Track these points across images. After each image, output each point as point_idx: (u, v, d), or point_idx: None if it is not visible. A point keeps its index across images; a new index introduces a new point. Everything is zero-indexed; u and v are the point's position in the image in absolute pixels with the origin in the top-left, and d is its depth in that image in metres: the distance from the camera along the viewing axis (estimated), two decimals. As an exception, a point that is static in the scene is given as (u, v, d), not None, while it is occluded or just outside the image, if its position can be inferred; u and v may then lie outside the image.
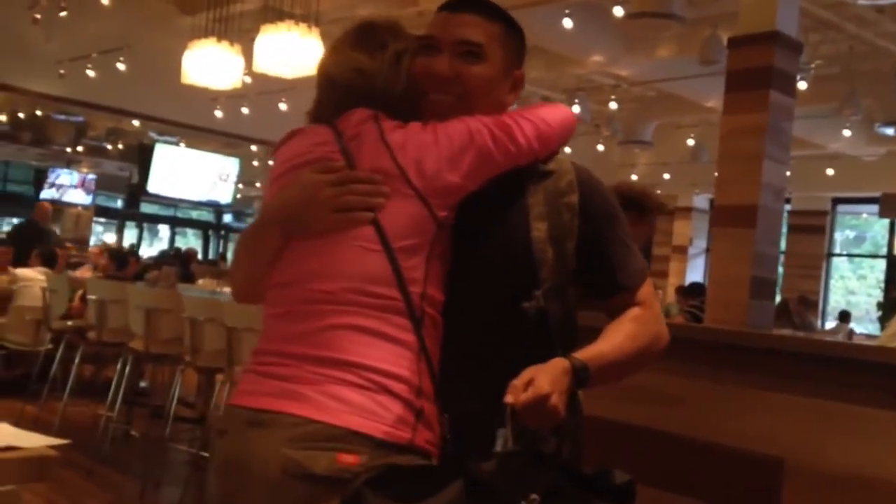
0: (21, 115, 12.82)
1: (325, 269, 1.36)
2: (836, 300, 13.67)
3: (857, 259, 14.51)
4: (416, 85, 1.46)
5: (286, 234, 1.40)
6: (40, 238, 7.79)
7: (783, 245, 12.74)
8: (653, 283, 1.55)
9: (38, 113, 12.61)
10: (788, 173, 8.18)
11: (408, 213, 1.35)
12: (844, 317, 11.28)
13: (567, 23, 6.94)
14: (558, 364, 1.32)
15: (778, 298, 9.99)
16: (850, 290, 14.34)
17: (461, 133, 1.38)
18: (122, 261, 6.99)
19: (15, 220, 19.08)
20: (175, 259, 11.75)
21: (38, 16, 8.56)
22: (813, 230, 13.06)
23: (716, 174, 5.38)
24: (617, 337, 1.43)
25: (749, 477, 2.57)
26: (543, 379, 1.27)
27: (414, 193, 1.35)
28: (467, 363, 1.41)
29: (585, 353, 1.37)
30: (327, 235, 1.37)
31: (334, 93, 1.48)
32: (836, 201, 13.13)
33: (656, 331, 1.48)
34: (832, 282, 13.66)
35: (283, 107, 9.63)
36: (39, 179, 17.22)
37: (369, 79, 1.44)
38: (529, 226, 1.42)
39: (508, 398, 1.25)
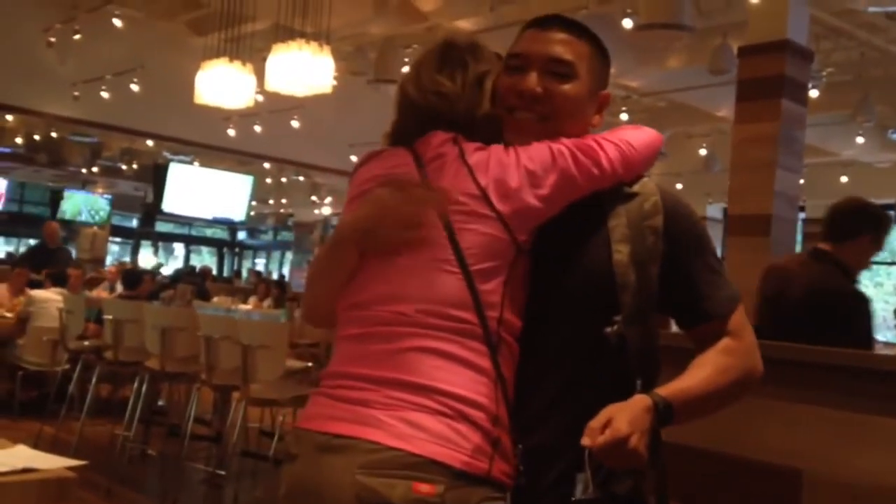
0: (37, 137, 12.94)
1: (400, 290, 1.32)
2: (854, 308, 13.56)
3: (873, 267, 14.41)
4: (502, 103, 1.43)
5: (361, 253, 1.37)
6: (52, 259, 7.84)
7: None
8: (744, 311, 1.45)
9: (54, 135, 12.72)
10: (802, 181, 8.18)
11: (487, 235, 1.31)
12: (863, 324, 11.18)
13: (576, 35, 6.95)
14: (639, 402, 1.27)
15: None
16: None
17: (543, 155, 1.35)
18: (134, 280, 7.02)
19: (32, 241, 19.27)
20: (190, 277, 11.82)
21: (53, 39, 8.67)
22: (828, 238, 12.96)
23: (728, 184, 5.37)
24: (704, 370, 1.36)
25: (768, 489, 2.55)
26: (622, 419, 1.22)
27: (494, 215, 1.31)
28: (543, 391, 1.35)
29: (668, 389, 1.31)
30: (403, 255, 1.34)
31: (414, 116, 1.46)
32: (851, 208, 13.05)
33: (749, 364, 1.40)
34: (849, 289, 13.55)
35: (295, 124, 9.69)
36: (55, 200, 17.36)
37: (451, 102, 1.42)
38: (611, 248, 1.37)
39: (585, 440, 1.21)
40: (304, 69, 5.50)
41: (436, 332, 1.28)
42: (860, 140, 9.67)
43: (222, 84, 5.94)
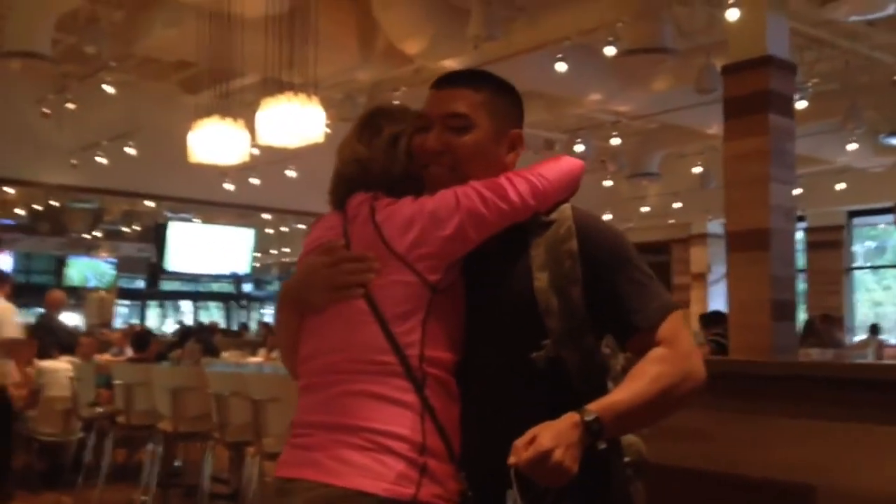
0: (38, 207, 13.03)
1: (331, 342, 1.49)
2: (864, 313, 13.50)
3: (880, 270, 14.36)
4: (416, 161, 1.56)
5: (299, 312, 1.55)
6: (54, 330, 7.82)
7: (804, 263, 12.66)
8: (681, 317, 1.50)
9: (54, 203, 12.82)
10: (800, 191, 8.19)
11: (398, 283, 1.45)
12: (874, 330, 11.15)
13: (560, 66, 7.02)
14: (566, 419, 1.33)
15: (803, 316, 9.92)
16: (877, 301, 14.17)
17: (447, 199, 1.47)
18: (143, 343, 7.03)
19: (41, 310, 19.30)
20: (199, 333, 11.81)
21: (47, 110, 8.76)
22: (831, 245, 12.97)
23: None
24: (635, 382, 1.40)
25: (783, 507, 2.53)
26: (546, 435, 1.28)
27: (401, 263, 1.44)
28: (486, 418, 1.44)
29: (598, 404, 1.36)
30: (330, 311, 1.49)
31: (341, 182, 1.62)
32: (852, 214, 13.05)
33: (684, 368, 1.43)
34: (858, 295, 13.50)
35: (291, 174, 9.75)
36: (60, 268, 17.44)
37: (366, 167, 1.57)
38: (532, 276, 1.45)
39: (511, 459, 1.28)
40: (295, 120, 5.55)
41: (362, 376, 1.43)
42: (852, 147, 9.70)
43: (215, 141, 5.99)
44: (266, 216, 14.04)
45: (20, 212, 13.38)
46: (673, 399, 1.43)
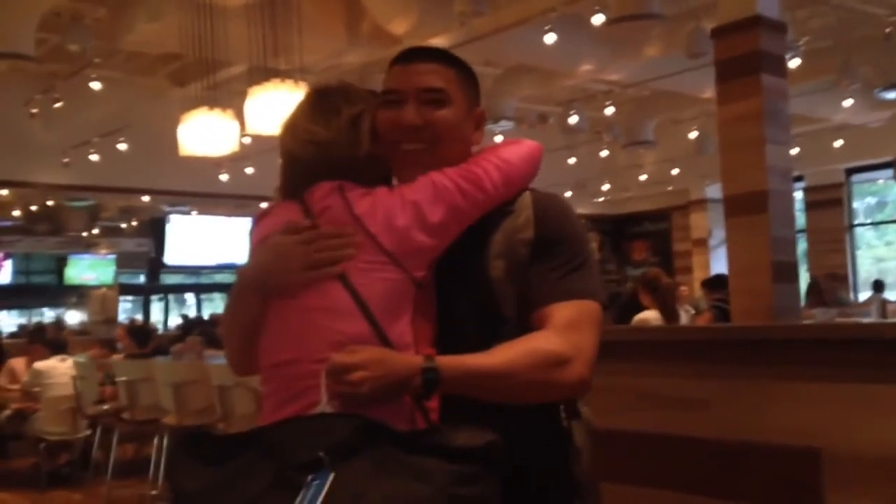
0: (34, 207, 13.01)
1: (303, 347, 1.35)
2: (867, 270, 13.48)
3: (882, 226, 14.32)
4: (385, 138, 1.47)
5: (265, 300, 1.41)
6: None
7: (803, 223, 12.62)
8: (593, 312, 1.42)
9: (50, 203, 12.79)
10: (798, 150, 8.11)
11: (387, 281, 1.36)
12: (878, 286, 11.10)
13: (550, 38, 6.95)
14: (410, 359, 1.31)
15: (806, 277, 9.89)
16: (880, 257, 14.13)
17: (427, 192, 1.39)
18: (143, 338, 7.02)
19: (46, 310, 19.34)
20: (201, 325, 11.79)
21: (35, 110, 8.72)
22: (831, 204, 12.92)
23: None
24: (503, 351, 1.34)
25: (787, 472, 2.51)
26: (368, 353, 1.28)
27: (388, 259, 1.36)
28: (449, 406, 1.38)
29: (450, 359, 1.32)
30: (308, 312, 1.36)
31: (297, 168, 1.48)
32: (850, 171, 13.00)
33: (560, 356, 1.34)
34: (860, 252, 13.48)
35: (285, 161, 9.70)
36: (60, 267, 17.43)
37: (327, 150, 1.44)
38: (489, 265, 1.43)
39: (333, 355, 1.28)
40: (283, 107, 5.49)
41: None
42: (848, 103, 9.63)
43: (205, 133, 5.95)
44: (264, 205, 13.97)
45: (16, 213, 13.35)
46: (534, 382, 1.35)
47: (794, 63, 7.21)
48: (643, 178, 13.35)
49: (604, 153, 11.98)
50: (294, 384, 1.35)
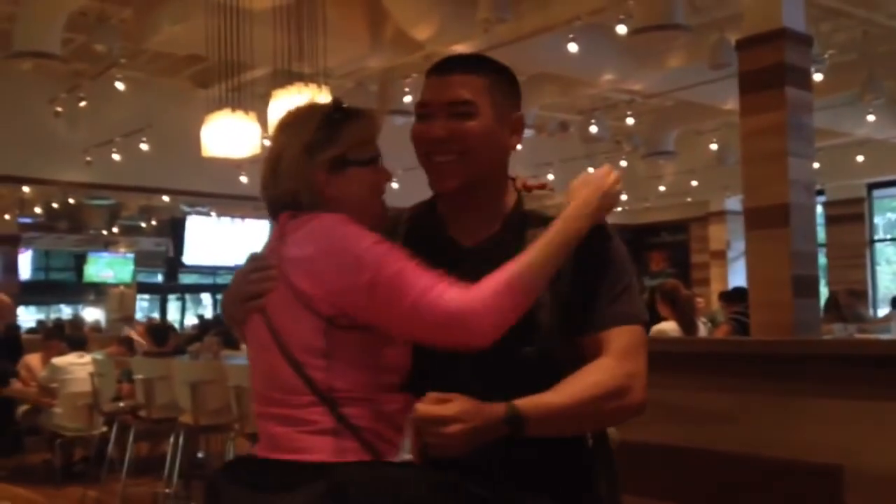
0: (55, 205, 13.11)
1: (254, 379, 1.45)
2: (886, 286, 13.35)
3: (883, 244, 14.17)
4: (418, 150, 1.51)
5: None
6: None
7: (823, 238, 12.51)
8: (641, 335, 1.46)
9: (71, 201, 12.89)
10: (819, 164, 8.06)
11: (297, 318, 1.36)
12: (896, 303, 10.98)
13: (573, 47, 6.95)
14: (495, 406, 1.31)
15: (825, 292, 9.80)
16: (900, 273, 14.00)
17: (351, 256, 1.36)
18: (162, 337, 7.05)
19: (64, 307, 19.48)
20: (218, 326, 11.83)
21: (60, 109, 8.80)
22: (852, 219, 12.82)
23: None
24: (572, 387, 1.37)
25: (809, 488, 2.49)
26: (458, 405, 1.27)
27: (295, 297, 1.36)
28: None
29: (530, 401, 1.34)
30: (251, 344, 1.45)
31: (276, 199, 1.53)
32: (872, 186, 12.89)
33: (623, 385, 1.39)
34: (879, 268, 13.35)
35: (305, 164, 9.73)
36: (80, 264, 17.56)
37: (269, 193, 1.51)
38: None
39: (418, 404, 1.27)
40: (306, 111, 5.51)
41: (277, 409, 1.37)
42: (871, 118, 9.56)
43: (227, 135, 5.98)
44: (282, 208, 14.03)
45: (38, 210, 13.47)
46: (603, 413, 1.40)
47: (817, 77, 7.17)
48: (662, 188, 13.29)
49: (623, 163, 11.95)
50: (258, 409, 1.44)
